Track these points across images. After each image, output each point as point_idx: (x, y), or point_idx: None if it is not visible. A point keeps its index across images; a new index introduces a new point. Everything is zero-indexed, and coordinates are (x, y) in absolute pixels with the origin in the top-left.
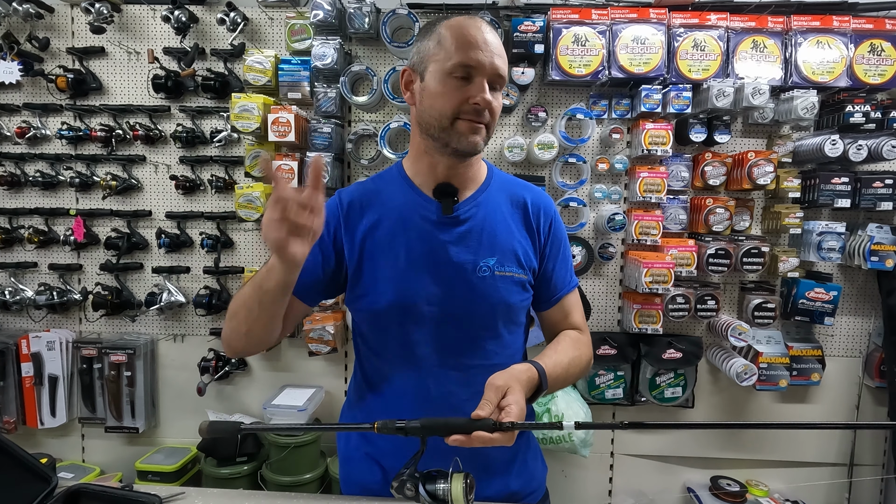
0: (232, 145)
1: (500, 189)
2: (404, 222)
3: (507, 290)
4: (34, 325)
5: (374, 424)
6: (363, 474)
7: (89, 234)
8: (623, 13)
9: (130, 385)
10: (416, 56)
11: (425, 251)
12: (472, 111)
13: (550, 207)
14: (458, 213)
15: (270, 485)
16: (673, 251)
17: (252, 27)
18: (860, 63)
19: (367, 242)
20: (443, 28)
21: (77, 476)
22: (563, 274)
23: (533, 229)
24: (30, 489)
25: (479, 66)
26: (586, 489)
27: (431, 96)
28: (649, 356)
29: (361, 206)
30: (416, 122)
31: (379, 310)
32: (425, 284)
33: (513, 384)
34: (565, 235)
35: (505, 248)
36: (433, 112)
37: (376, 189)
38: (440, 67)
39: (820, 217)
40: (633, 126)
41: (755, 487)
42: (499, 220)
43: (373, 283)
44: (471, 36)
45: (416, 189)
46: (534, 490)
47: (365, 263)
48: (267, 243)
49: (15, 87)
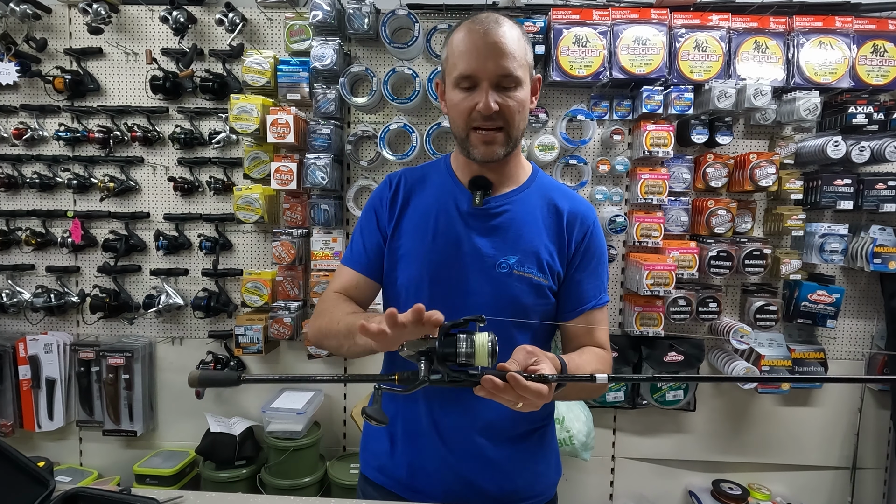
0: (230, 147)
1: (540, 192)
2: (438, 207)
3: (523, 290)
4: (31, 327)
5: (395, 375)
6: (376, 439)
7: (87, 235)
8: (624, 14)
9: (128, 388)
10: (442, 66)
11: (451, 237)
12: (479, 118)
13: (589, 218)
14: (488, 207)
15: (269, 488)
16: (674, 253)
17: (251, 28)
18: (863, 64)
19: (404, 221)
20: (451, 37)
21: (75, 480)
22: (591, 287)
23: (564, 236)
24: (27, 493)
25: (479, 73)
26: (587, 493)
27: (450, 107)
28: (651, 359)
29: (405, 188)
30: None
31: (399, 287)
32: (444, 268)
33: (541, 355)
34: (603, 251)
35: (528, 249)
36: (453, 124)
37: (423, 175)
38: (451, 79)
39: (822, 219)
40: (634, 127)
41: (757, 491)
42: (529, 222)
43: (398, 259)
44: (470, 43)
45: (455, 179)
46: (539, 493)
47: (395, 240)
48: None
49: (12, 89)
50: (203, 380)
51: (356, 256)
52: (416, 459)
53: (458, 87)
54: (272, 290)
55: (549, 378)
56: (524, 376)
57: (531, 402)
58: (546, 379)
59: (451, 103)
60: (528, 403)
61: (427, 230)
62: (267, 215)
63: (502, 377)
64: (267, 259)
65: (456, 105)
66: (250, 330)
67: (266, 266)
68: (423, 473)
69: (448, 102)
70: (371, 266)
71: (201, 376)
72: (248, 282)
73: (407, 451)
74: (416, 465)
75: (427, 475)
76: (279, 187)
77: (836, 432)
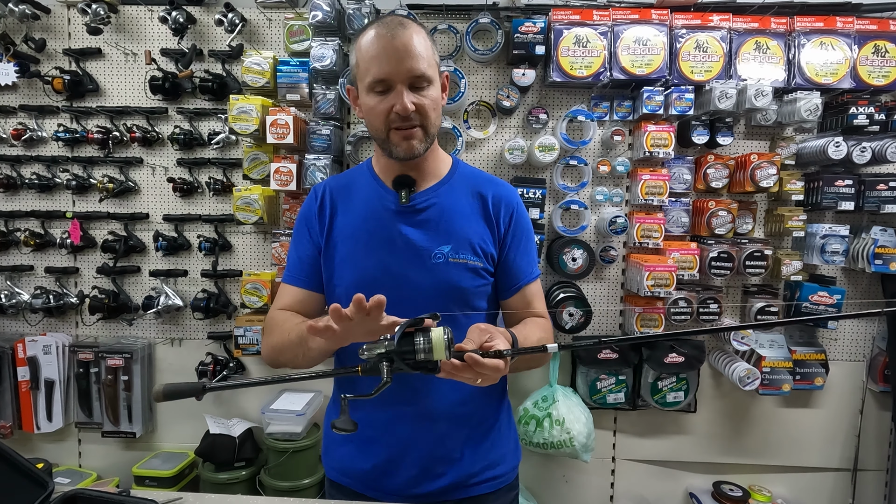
0: (230, 147)
1: (463, 182)
2: (367, 211)
3: (460, 275)
4: (30, 328)
5: (358, 367)
6: (337, 446)
7: (86, 236)
8: (625, 14)
9: (127, 389)
10: (351, 72)
11: (384, 237)
12: (398, 119)
13: (513, 200)
14: (415, 203)
15: (269, 490)
16: (675, 254)
17: (250, 28)
18: (864, 64)
19: (335, 230)
20: (358, 43)
21: (74, 481)
22: (523, 264)
23: (492, 219)
24: (26, 494)
25: (392, 76)
26: (587, 494)
27: (366, 112)
28: (651, 360)
29: (332, 197)
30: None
31: (340, 293)
32: (382, 267)
33: (494, 332)
34: (529, 228)
35: (460, 236)
36: (371, 127)
37: (347, 181)
38: (363, 85)
39: (823, 220)
40: (634, 128)
41: (758, 493)
42: (457, 211)
43: (335, 267)
44: (380, 47)
45: (379, 181)
46: (499, 475)
47: (330, 249)
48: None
49: (11, 89)
50: (168, 393)
51: (294, 272)
52: (378, 457)
53: (372, 92)
54: (272, 291)
55: (505, 353)
56: (480, 354)
57: (490, 377)
58: (502, 354)
59: (366, 108)
60: (486, 379)
61: (360, 234)
62: (266, 216)
63: (460, 357)
64: (266, 260)
65: (372, 108)
66: (250, 331)
67: (265, 267)
68: (386, 469)
69: (363, 107)
70: (311, 279)
71: (165, 390)
72: (247, 283)
73: (368, 450)
74: (378, 463)
75: (390, 471)
76: (279, 188)
77: (837, 434)
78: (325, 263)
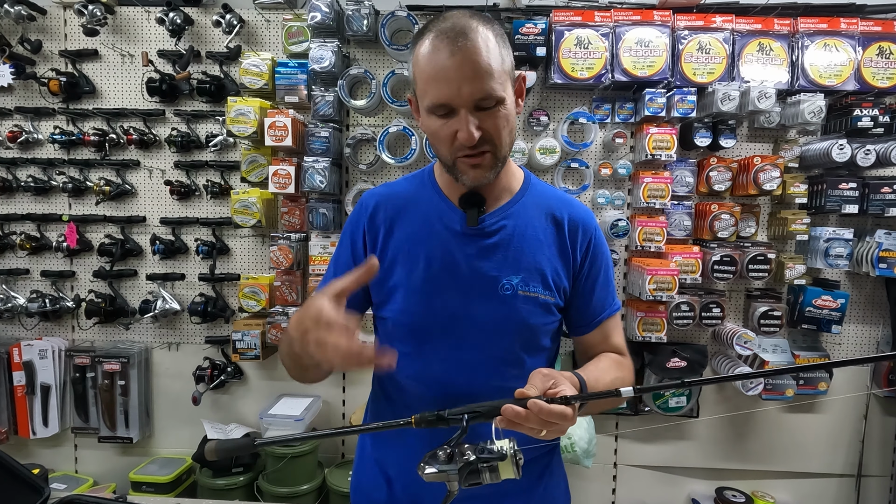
0: (228, 150)
1: (536, 201)
2: (428, 231)
3: (530, 311)
4: (26, 333)
5: (412, 418)
6: (369, 481)
7: (82, 240)
8: (626, 15)
9: (124, 394)
10: (410, 80)
11: (446, 264)
12: (462, 148)
13: (590, 224)
14: (483, 225)
15: (267, 496)
16: (677, 258)
17: (248, 29)
18: (868, 66)
19: (390, 249)
20: (415, 54)
21: (70, 487)
22: (603, 296)
23: (567, 248)
24: (22, 500)
25: (454, 101)
26: (589, 500)
27: (428, 133)
28: (653, 365)
29: (386, 209)
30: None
31: (389, 320)
32: (442, 300)
33: (558, 377)
34: (608, 255)
35: (531, 266)
36: (435, 149)
37: (404, 192)
38: (423, 105)
39: (827, 223)
40: (636, 130)
41: (761, 499)
42: (529, 236)
43: (389, 292)
44: (436, 67)
45: (442, 196)
46: None
47: (383, 272)
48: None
49: (6, 91)
50: (220, 451)
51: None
52: (417, 499)
53: (433, 114)
54: (270, 294)
55: (572, 399)
56: (545, 401)
57: (557, 426)
58: (569, 400)
59: (428, 129)
60: (553, 429)
61: (418, 259)
62: (265, 219)
63: (523, 405)
64: (265, 263)
65: (435, 133)
66: (248, 335)
67: (264, 271)
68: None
69: (425, 128)
70: (350, 297)
71: (218, 447)
72: (245, 286)
73: (407, 491)
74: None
75: None
76: (277, 191)
77: (840, 439)
78: (375, 288)
